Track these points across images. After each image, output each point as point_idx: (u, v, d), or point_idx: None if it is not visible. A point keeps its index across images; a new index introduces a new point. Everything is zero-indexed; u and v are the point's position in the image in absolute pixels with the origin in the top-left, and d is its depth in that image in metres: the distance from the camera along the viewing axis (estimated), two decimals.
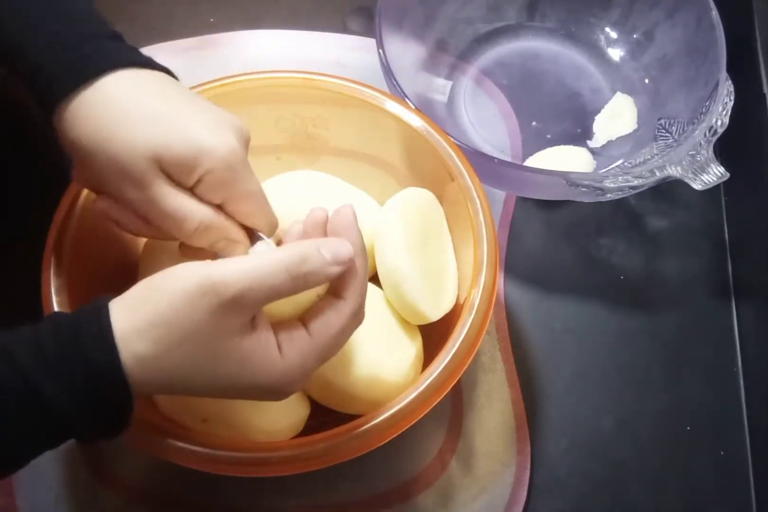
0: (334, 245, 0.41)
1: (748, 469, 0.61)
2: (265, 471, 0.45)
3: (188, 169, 0.42)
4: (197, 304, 0.36)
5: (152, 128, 0.42)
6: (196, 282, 0.36)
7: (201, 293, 0.36)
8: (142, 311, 0.37)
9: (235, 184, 0.43)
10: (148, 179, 0.42)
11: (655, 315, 0.66)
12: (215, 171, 0.42)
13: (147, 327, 0.37)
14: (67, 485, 0.57)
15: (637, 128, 0.72)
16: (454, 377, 0.48)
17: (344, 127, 0.60)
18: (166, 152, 0.41)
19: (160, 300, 0.37)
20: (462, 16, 0.75)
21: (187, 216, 0.42)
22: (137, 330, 0.37)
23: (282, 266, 0.38)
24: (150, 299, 0.37)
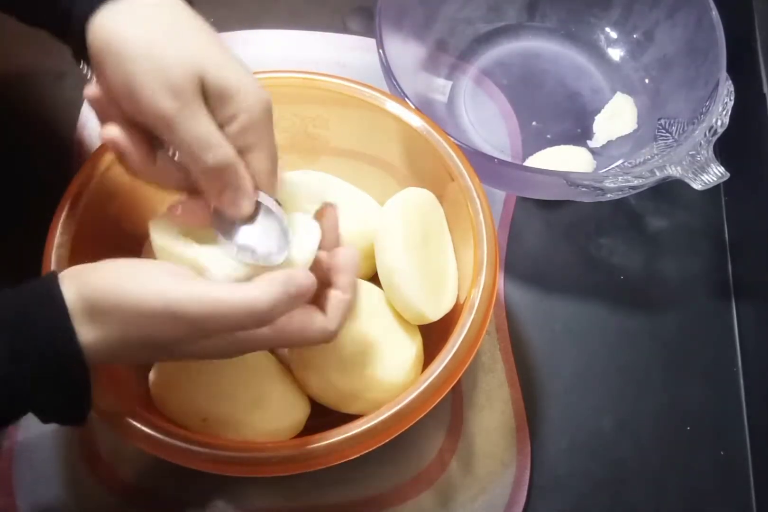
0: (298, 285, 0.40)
1: (748, 469, 0.61)
2: (265, 471, 0.45)
3: (228, 101, 0.41)
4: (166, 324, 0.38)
5: (205, 47, 0.41)
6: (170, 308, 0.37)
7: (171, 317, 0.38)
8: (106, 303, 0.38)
9: (262, 134, 0.43)
10: (188, 94, 0.40)
11: (655, 315, 0.66)
12: (253, 111, 0.42)
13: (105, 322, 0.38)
14: (67, 485, 0.57)
15: (637, 128, 0.72)
16: (454, 377, 0.48)
17: (344, 127, 0.60)
18: (211, 76, 0.40)
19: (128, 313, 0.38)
20: (462, 16, 0.75)
21: (213, 144, 0.41)
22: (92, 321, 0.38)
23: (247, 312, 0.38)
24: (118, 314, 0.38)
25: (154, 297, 0.37)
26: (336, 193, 0.60)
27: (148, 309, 0.37)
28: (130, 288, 0.38)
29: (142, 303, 0.37)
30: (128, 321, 0.38)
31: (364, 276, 0.58)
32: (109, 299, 0.38)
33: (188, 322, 0.38)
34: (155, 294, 0.37)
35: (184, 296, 0.37)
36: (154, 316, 0.37)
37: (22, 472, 0.56)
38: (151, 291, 0.38)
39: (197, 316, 0.37)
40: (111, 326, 0.38)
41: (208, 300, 0.37)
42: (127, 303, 0.37)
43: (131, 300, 0.37)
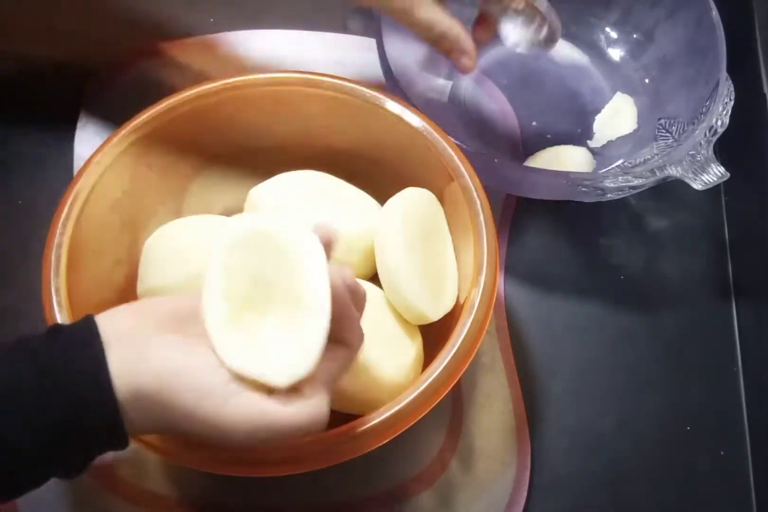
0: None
1: (749, 469, 0.61)
2: (265, 471, 0.45)
3: None
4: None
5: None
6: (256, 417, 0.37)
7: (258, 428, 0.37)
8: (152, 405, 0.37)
9: None
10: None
11: (655, 315, 0.66)
12: None
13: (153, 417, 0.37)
14: (67, 485, 0.57)
15: (637, 128, 0.72)
16: (454, 377, 0.48)
17: (344, 127, 0.60)
18: None
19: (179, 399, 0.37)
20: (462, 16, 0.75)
21: (434, 24, 0.55)
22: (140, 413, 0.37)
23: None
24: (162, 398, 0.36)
25: (213, 414, 0.37)
26: (336, 193, 0.60)
27: (202, 423, 0.37)
28: (188, 399, 0.36)
29: (197, 417, 0.36)
30: (183, 424, 0.37)
31: (364, 277, 0.58)
32: (162, 402, 0.36)
33: (243, 436, 0.37)
34: (214, 411, 0.37)
35: (240, 414, 0.37)
36: (210, 429, 0.37)
37: None
38: (209, 407, 0.37)
39: (253, 432, 0.37)
40: (159, 419, 0.37)
41: (266, 421, 0.37)
42: (181, 412, 0.36)
43: (186, 412, 0.36)
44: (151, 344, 0.37)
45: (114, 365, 0.36)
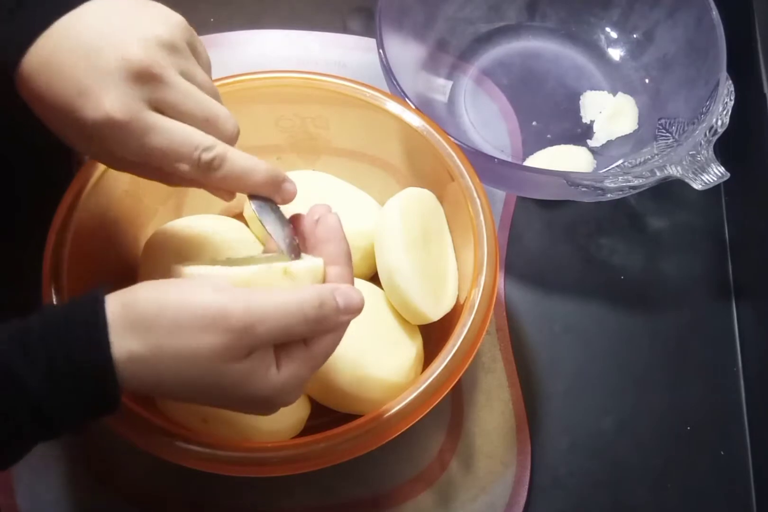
0: (347, 292, 0.40)
1: (749, 469, 0.61)
2: (265, 471, 0.45)
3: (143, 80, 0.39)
4: (207, 333, 0.36)
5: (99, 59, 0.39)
6: (211, 308, 0.36)
7: (212, 322, 0.36)
8: (145, 315, 0.36)
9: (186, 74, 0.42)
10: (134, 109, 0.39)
11: (655, 315, 0.66)
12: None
13: (146, 328, 0.36)
14: (67, 485, 0.57)
15: (637, 128, 0.72)
16: (454, 377, 0.48)
17: (344, 127, 0.60)
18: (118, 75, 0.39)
19: (167, 314, 0.36)
20: (462, 16, 0.75)
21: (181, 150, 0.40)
22: (135, 330, 0.36)
23: (300, 310, 0.37)
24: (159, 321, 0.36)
25: (196, 302, 0.36)
26: (336, 193, 0.60)
27: (188, 315, 0.36)
28: (173, 297, 0.36)
29: (183, 310, 0.36)
30: (168, 329, 0.36)
31: (364, 277, 0.58)
32: (151, 308, 0.36)
33: (231, 328, 0.36)
34: (198, 301, 0.36)
35: (228, 300, 0.36)
36: (194, 323, 0.36)
37: (22, 472, 0.56)
38: (194, 298, 0.36)
39: (241, 319, 0.36)
40: (149, 335, 0.36)
41: (254, 301, 0.36)
42: (168, 310, 0.36)
43: (172, 308, 0.36)
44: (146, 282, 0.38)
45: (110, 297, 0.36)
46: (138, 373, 0.36)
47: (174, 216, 0.60)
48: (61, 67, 0.39)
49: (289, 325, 0.37)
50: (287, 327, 0.37)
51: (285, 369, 0.39)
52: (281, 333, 0.38)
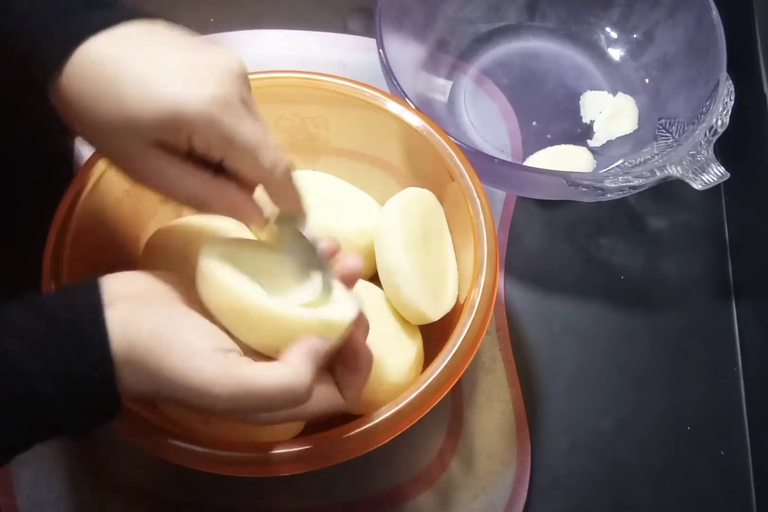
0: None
1: (749, 469, 0.61)
2: (265, 471, 0.45)
3: (171, 132, 0.38)
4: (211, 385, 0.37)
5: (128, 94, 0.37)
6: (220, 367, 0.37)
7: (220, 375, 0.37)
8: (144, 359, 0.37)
9: (225, 136, 0.38)
10: (131, 151, 0.38)
11: (655, 315, 0.66)
12: (197, 128, 0.38)
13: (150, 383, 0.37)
14: (67, 485, 0.57)
15: (637, 128, 0.72)
16: (454, 377, 0.48)
17: (344, 127, 0.60)
18: (141, 119, 0.37)
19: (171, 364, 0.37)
20: (462, 16, 0.75)
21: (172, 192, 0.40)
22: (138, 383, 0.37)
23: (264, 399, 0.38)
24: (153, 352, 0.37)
25: (193, 375, 0.37)
26: (336, 193, 0.60)
27: (184, 385, 0.37)
28: (173, 361, 0.37)
29: (179, 379, 0.37)
30: (167, 387, 0.37)
31: (364, 277, 0.58)
32: (149, 363, 0.37)
33: (223, 400, 0.37)
34: (194, 373, 0.37)
35: (221, 376, 0.37)
36: (191, 391, 0.37)
37: (22, 472, 0.56)
38: (191, 369, 0.37)
39: (233, 396, 0.37)
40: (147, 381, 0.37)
41: (246, 384, 0.37)
42: (166, 374, 0.37)
43: (171, 374, 0.37)
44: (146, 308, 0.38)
45: (112, 323, 0.37)
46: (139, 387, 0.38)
47: (174, 216, 0.60)
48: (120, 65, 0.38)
49: (275, 407, 0.39)
50: (273, 408, 0.39)
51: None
52: (268, 410, 0.39)
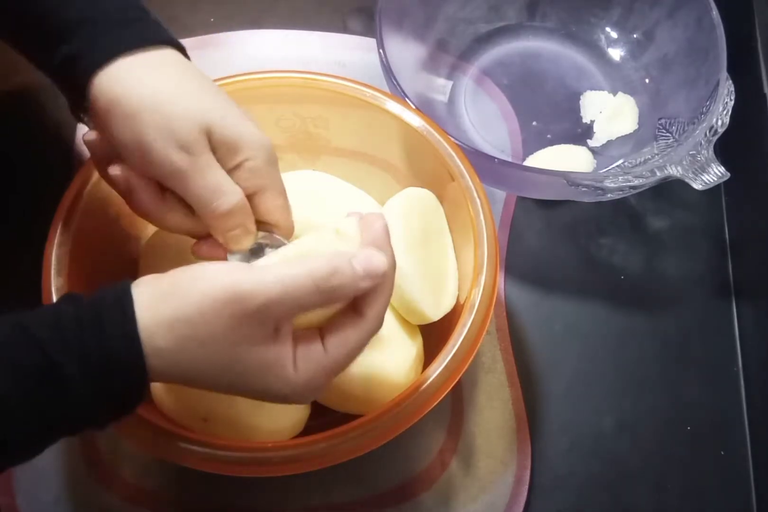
0: (367, 257, 0.40)
1: (749, 469, 0.61)
2: (265, 471, 0.45)
3: (234, 150, 0.43)
4: (222, 311, 0.37)
5: (209, 101, 0.43)
6: (224, 288, 0.37)
7: (227, 300, 0.37)
8: (167, 307, 0.37)
9: (269, 176, 0.45)
10: (198, 147, 0.42)
11: (655, 315, 0.66)
12: (257, 158, 0.44)
13: (170, 322, 0.37)
14: (67, 485, 0.57)
15: (637, 128, 0.72)
16: (454, 377, 0.48)
17: (345, 127, 0.60)
18: (218, 127, 0.42)
19: (187, 300, 0.37)
20: (462, 16, 0.75)
21: (226, 192, 0.43)
22: (159, 325, 0.37)
23: (310, 280, 0.38)
24: (176, 296, 0.37)
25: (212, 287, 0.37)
26: (336, 193, 0.60)
27: (209, 302, 0.37)
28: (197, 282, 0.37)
29: (208, 296, 0.37)
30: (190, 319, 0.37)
31: None
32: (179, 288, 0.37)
33: (245, 311, 0.37)
34: (211, 285, 0.37)
35: (240, 280, 0.37)
36: (213, 310, 0.37)
37: (22, 472, 0.56)
38: (209, 281, 0.37)
39: (253, 301, 0.37)
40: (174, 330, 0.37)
41: (270, 278, 0.37)
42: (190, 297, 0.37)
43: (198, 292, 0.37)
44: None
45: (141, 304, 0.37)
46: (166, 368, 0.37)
47: None
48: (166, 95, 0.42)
49: (302, 298, 0.38)
50: (299, 300, 0.38)
51: (302, 372, 0.40)
52: (296, 306, 0.38)
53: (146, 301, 0.37)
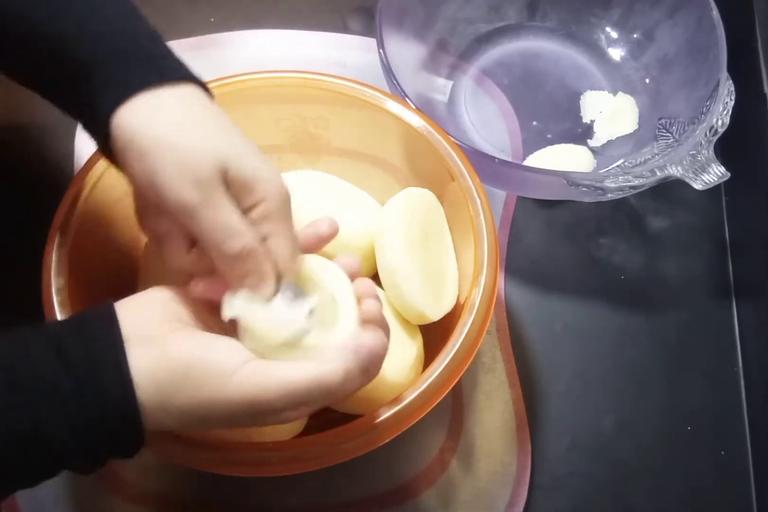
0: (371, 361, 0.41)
1: (749, 469, 0.61)
2: (265, 471, 0.45)
3: (249, 190, 0.42)
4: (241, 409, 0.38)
5: (223, 140, 0.42)
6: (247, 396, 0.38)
7: (248, 404, 0.38)
8: (181, 397, 0.37)
9: (281, 221, 0.43)
10: (212, 185, 0.41)
11: (655, 315, 0.66)
12: (272, 200, 0.42)
13: (181, 414, 0.38)
14: (67, 485, 0.57)
15: (637, 128, 0.72)
16: (454, 377, 0.48)
17: (345, 127, 0.60)
18: (234, 166, 0.41)
19: (211, 398, 0.38)
20: (462, 16, 0.75)
21: (239, 232, 0.41)
22: (169, 413, 0.38)
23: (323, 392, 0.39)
24: (192, 390, 0.38)
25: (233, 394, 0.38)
26: (336, 193, 0.60)
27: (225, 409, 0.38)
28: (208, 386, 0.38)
29: (219, 405, 0.38)
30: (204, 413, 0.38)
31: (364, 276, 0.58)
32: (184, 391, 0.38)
33: (265, 410, 0.38)
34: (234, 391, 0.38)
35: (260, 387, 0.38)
36: (231, 412, 0.38)
37: None
38: (230, 389, 0.38)
39: (274, 403, 0.38)
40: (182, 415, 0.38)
41: (284, 386, 0.38)
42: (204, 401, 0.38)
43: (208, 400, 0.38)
44: (169, 339, 0.39)
45: (135, 361, 0.37)
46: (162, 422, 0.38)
47: None
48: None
49: (316, 401, 0.40)
50: (314, 402, 0.40)
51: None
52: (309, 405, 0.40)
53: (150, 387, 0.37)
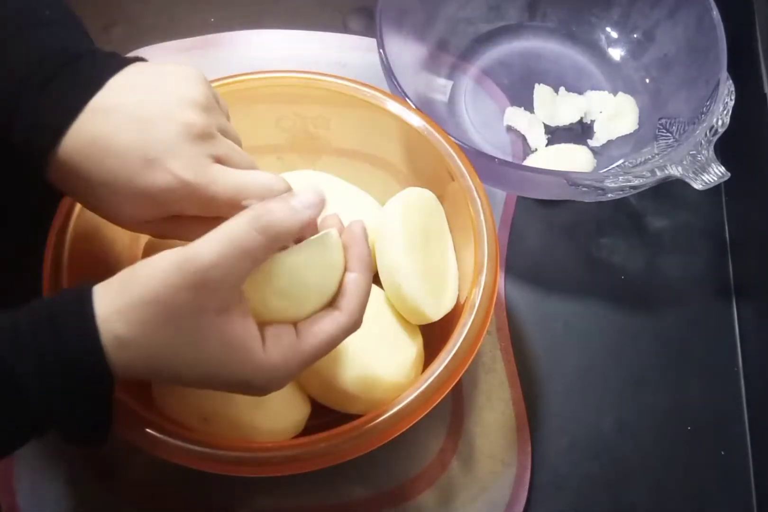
0: (301, 193, 0.40)
1: (749, 469, 0.61)
2: (265, 471, 0.45)
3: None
4: (174, 281, 0.36)
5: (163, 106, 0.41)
6: (172, 260, 0.37)
7: (176, 269, 0.36)
8: (124, 293, 0.37)
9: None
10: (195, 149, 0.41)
11: (655, 315, 0.66)
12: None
13: (127, 308, 0.36)
14: (67, 485, 0.57)
15: (637, 128, 0.72)
16: (454, 377, 0.48)
17: (345, 127, 0.60)
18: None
19: (140, 281, 0.37)
20: (462, 16, 0.75)
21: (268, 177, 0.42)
22: (118, 312, 0.36)
23: (247, 224, 0.37)
24: (131, 281, 0.37)
25: (168, 260, 0.37)
26: (336, 192, 0.60)
27: (162, 277, 0.37)
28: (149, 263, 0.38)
29: (158, 271, 0.37)
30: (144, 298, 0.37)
31: None
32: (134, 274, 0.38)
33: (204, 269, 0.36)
34: (169, 259, 0.37)
35: (190, 247, 0.37)
36: (172, 283, 0.36)
37: (23, 472, 0.56)
38: (166, 258, 0.37)
39: (212, 258, 0.37)
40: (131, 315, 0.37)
41: (210, 240, 0.37)
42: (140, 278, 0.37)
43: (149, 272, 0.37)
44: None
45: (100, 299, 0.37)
46: (129, 360, 0.37)
47: None
48: (113, 144, 0.40)
49: (245, 245, 0.37)
50: (244, 248, 0.37)
51: (271, 351, 0.39)
52: (243, 255, 0.37)
53: (106, 295, 0.37)
